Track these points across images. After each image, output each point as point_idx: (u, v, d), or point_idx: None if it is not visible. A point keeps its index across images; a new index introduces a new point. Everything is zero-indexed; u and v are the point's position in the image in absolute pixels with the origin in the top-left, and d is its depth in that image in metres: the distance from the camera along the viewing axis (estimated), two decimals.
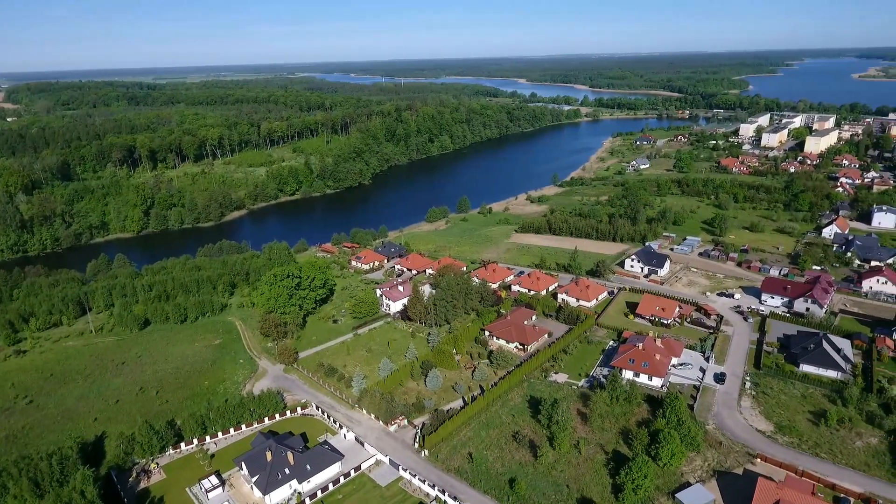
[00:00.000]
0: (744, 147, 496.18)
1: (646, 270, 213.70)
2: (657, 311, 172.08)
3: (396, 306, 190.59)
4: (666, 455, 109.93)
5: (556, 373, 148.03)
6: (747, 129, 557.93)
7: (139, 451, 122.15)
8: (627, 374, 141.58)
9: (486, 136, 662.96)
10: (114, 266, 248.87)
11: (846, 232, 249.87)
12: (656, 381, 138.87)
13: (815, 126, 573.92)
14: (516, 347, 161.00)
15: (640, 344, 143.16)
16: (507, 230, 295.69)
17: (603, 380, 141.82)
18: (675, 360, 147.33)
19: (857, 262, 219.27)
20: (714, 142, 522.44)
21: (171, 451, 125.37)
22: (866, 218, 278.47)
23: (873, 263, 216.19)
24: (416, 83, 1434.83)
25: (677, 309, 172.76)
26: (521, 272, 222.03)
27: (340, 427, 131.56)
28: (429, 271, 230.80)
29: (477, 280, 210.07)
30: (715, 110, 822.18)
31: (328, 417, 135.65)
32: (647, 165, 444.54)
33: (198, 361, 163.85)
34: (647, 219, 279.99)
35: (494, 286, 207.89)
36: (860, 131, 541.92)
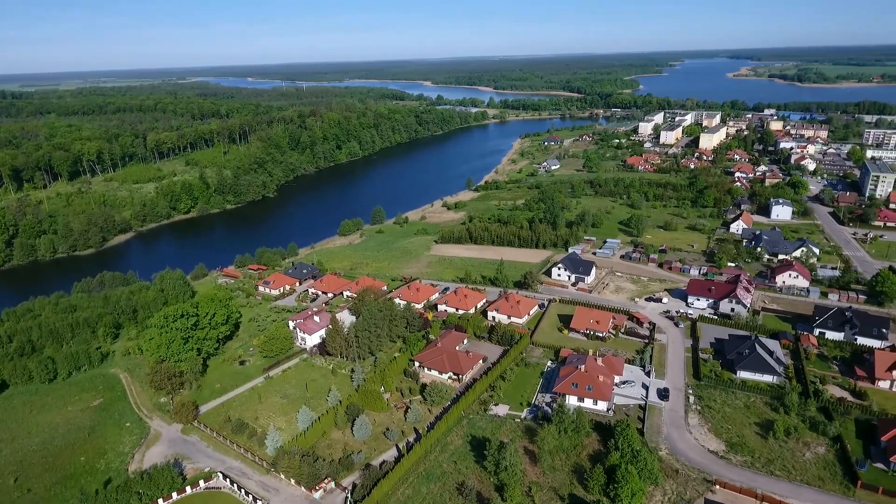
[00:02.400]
0: (645, 145, 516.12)
1: (573, 278, 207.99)
2: (591, 324, 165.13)
3: (313, 339, 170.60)
4: (626, 495, 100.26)
5: (495, 404, 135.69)
6: (646, 128, 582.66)
7: None
8: (571, 400, 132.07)
9: (396, 141, 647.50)
10: None
11: (751, 226, 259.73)
12: (602, 405, 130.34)
13: (705, 123, 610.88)
14: (450, 378, 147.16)
15: (582, 366, 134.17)
16: (427, 241, 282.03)
17: (547, 408, 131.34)
18: (617, 379, 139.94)
19: (767, 256, 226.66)
20: (617, 140, 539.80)
21: None
22: (765, 211, 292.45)
23: (780, 257, 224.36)
24: (318, 87, 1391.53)
25: (611, 320, 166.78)
26: (447, 289, 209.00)
27: (254, 501, 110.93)
28: (346, 293, 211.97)
29: (400, 301, 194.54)
30: (613, 109, 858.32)
31: (239, 489, 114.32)
32: (558, 166, 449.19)
33: (71, 431, 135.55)
34: (566, 222, 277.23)
35: (419, 307, 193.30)
36: (744, 127, 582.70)
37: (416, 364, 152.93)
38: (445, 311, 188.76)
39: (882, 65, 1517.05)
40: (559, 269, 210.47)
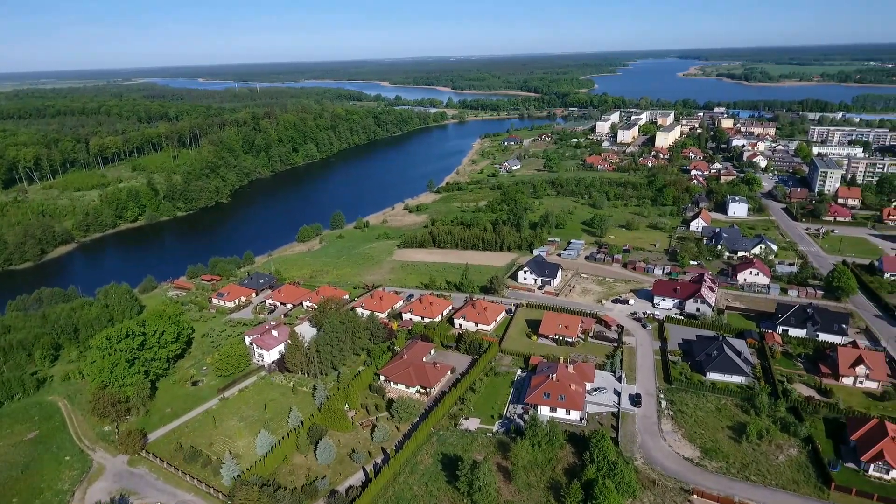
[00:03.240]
0: (603, 144, 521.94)
1: (539, 282, 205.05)
2: (560, 329, 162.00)
3: (271, 355, 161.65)
4: None
5: (466, 418, 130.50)
6: (603, 127, 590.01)
7: None
8: (544, 411, 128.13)
9: (355, 143, 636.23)
10: None
11: (710, 224, 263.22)
12: (575, 415, 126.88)
13: (659, 122, 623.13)
14: (418, 392, 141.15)
15: (554, 375, 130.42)
16: (389, 246, 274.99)
17: (519, 421, 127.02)
18: (589, 386, 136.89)
19: (727, 253, 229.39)
20: (576, 140, 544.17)
21: None
22: (722, 208, 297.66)
23: (740, 254, 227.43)
24: (273, 88, 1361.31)
25: (580, 324, 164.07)
26: (411, 296, 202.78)
27: None
28: (306, 304, 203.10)
29: (363, 311, 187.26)
30: (570, 109, 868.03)
31: None
32: (519, 166, 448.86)
33: (2, 469, 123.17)
34: (530, 224, 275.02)
35: (383, 316, 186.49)
36: (697, 125, 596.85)
37: (382, 378, 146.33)
38: (411, 319, 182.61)
39: (820, 64, 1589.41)
40: (525, 272, 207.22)
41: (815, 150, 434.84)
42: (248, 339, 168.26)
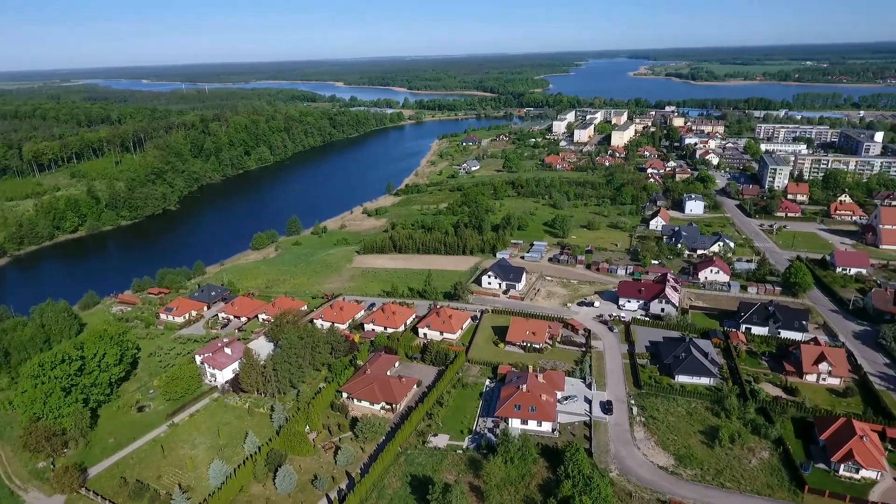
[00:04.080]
0: (561, 144, 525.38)
1: (504, 286, 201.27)
2: (528, 335, 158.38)
3: (225, 375, 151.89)
4: None
5: (434, 434, 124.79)
6: (559, 126, 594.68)
7: None
8: (515, 423, 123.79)
9: (310, 145, 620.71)
10: None
11: (669, 223, 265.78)
12: (547, 426, 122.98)
13: (614, 121, 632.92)
14: (384, 409, 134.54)
15: (524, 386, 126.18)
16: (348, 252, 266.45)
17: (490, 435, 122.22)
18: (559, 395, 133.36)
19: (687, 252, 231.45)
20: (534, 140, 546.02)
21: None
22: (679, 206, 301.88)
23: (699, 252, 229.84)
24: (223, 89, 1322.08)
25: (547, 330, 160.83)
26: (373, 305, 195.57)
27: None
28: (262, 316, 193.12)
29: (323, 323, 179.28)
30: (527, 109, 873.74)
31: None
32: (478, 167, 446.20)
33: None
34: (492, 226, 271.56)
35: (344, 328, 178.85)
36: (650, 124, 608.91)
37: (345, 395, 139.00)
38: (373, 330, 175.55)
39: (762, 64, 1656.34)
40: (489, 276, 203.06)
41: (763, 147, 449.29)
42: (198, 359, 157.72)
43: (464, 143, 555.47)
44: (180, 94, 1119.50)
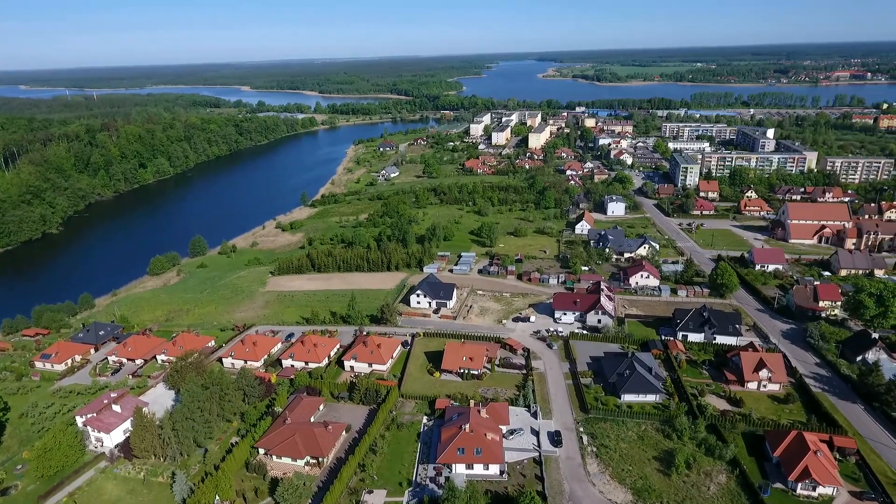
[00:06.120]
0: (479, 147, 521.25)
1: (434, 305, 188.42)
2: (465, 361, 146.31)
3: (114, 437, 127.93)
4: None
5: (369, 491, 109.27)
6: (477, 129, 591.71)
7: None
8: (459, 468, 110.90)
9: (214, 155, 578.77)
10: None
11: (593, 226, 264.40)
12: (494, 469, 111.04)
13: (529, 122, 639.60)
14: (309, 465, 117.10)
15: (466, 425, 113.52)
16: (261, 274, 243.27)
17: (433, 486, 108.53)
18: (504, 429, 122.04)
19: (615, 256, 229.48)
20: (452, 143, 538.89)
21: None
22: (601, 208, 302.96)
23: (626, 255, 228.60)
24: (114, 95, 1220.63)
25: (485, 353, 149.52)
26: (291, 335, 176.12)
27: None
28: (161, 358, 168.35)
29: (234, 362, 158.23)
30: (442, 111, 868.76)
31: None
32: (397, 173, 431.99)
33: None
34: (416, 237, 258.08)
35: (258, 366, 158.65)
36: (564, 125, 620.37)
37: (262, 452, 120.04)
38: (293, 366, 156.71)
39: (658, 65, 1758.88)
40: (418, 295, 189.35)
41: (671, 145, 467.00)
42: (80, 420, 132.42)
43: (381, 149, 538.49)
44: (64, 102, 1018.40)
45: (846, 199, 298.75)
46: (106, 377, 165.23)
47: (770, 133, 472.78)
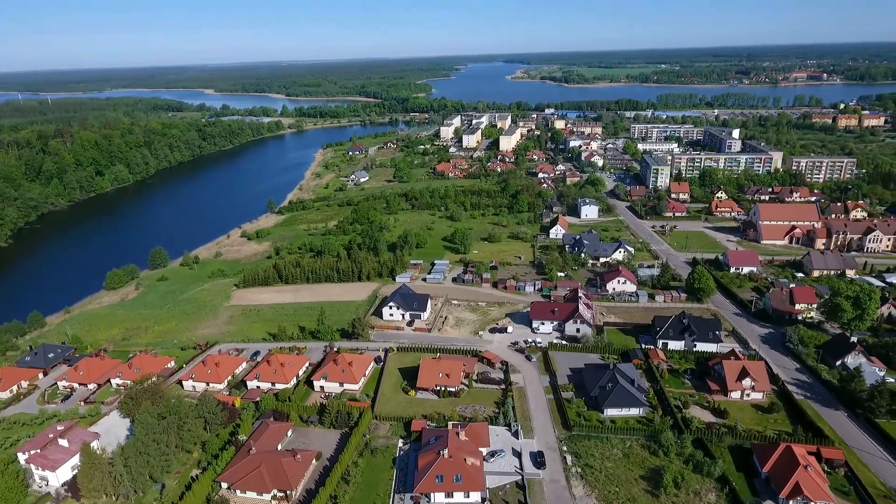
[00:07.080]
0: (450, 150, 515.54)
1: (408, 317, 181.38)
2: (441, 378, 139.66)
3: (61, 475, 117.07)
4: None
5: None
6: (447, 132, 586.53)
7: None
8: (439, 498, 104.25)
9: (176, 160, 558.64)
10: None
11: (568, 230, 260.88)
12: (475, 497, 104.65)
13: (499, 125, 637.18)
14: (276, 499, 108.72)
15: (445, 451, 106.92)
16: (225, 286, 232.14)
17: None
18: (485, 451, 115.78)
19: (591, 261, 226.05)
20: (423, 146, 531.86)
21: None
22: (574, 211, 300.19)
23: (602, 260, 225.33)
24: (71, 99, 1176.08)
25: (462, 369, 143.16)
26: (257, 353, 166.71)
27: None
28: (116, 382, 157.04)
29: (194, 385, 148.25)
30: (412, 114, 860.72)
31: None
32: (367, 178, 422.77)
33: None
34: (388, 245, 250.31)
35: (221, 388, 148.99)
36: (534, 126, 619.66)
37: (224, 486, 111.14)
38: (258, 387, 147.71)
39: (624, 67, 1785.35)
40: (391, 307, 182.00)
41: (640, 146, 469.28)
42: (22, 458, 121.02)
43: (350, 153, 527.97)
44: (16, 106, 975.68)
45: (813, 199, 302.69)
46: (55, 405, 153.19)
47: (735, 133, 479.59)
